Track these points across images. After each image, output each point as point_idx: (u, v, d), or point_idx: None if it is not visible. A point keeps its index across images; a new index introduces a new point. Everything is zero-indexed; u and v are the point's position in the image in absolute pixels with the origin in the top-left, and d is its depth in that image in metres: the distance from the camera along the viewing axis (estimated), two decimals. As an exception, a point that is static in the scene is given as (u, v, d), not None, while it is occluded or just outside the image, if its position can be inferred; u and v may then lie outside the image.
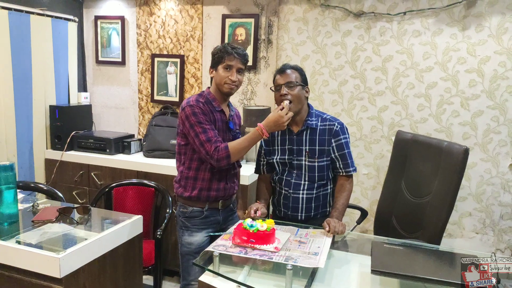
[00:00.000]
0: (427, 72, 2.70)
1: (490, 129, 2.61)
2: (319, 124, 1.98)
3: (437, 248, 1.78)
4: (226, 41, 3.19)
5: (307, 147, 1.97)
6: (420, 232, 2.11)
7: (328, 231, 1.75)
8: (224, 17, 3.18)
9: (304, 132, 1.98)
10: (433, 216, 2.04)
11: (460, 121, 2.67)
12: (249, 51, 3.14)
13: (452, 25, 2.60)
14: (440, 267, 1.51)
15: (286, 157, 2.01)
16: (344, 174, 1.99)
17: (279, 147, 2.03)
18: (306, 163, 1.97)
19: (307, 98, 2.00)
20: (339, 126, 1.98)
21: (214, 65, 1.91)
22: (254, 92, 3.22)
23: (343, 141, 1.97)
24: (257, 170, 2.16)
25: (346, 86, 2.91)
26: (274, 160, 2.04)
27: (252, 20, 3.11)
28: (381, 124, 2.86)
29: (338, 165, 1.99)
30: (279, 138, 2.04)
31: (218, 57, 1.88)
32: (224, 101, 1.97)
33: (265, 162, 2.11)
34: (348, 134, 2.01)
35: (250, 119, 2.99)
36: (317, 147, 1.96)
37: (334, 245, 1.74)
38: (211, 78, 1.94)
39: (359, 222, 2.58)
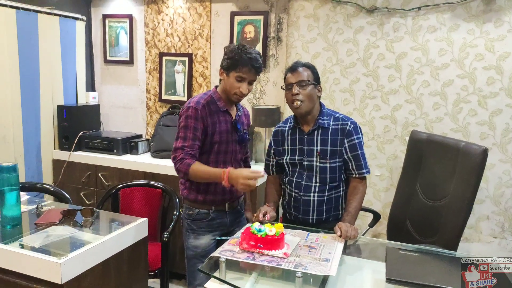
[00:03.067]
0: (443, 70, 2.60)
1: (509, 128, 2.50)
2: (331, 123, 1.91)
3: (455, 255, 1.70)
4: (235, 39, 3.13)
5: (319, 148, 1.90)
6: (436, 236, 2.03)
7: (340, 236, 1.67)
8: (233, 14, 3.12)
9: (316, 132, 1.90)
10: (450, 220, 1.95)
11: (477, 120, 2.56)
12: (258, 49, 3.07)
13: (469, 20, 2.50)
14: (458, 275, 1.43)
15: (297, 157, 1.94)
16: (357, 176, 1.91)
17: (289, 147, 1.96)
18: (317, 164, 1.89)
19: (319, 97, 1.93)
20: (352, 126, 1.90)
21: (226, 69, 1.81)
22: (263, 91, 3.15)
23: (356, 141, 1.89)
24: (265, 171, 2.10)
25: (358, 84, 2.82)
26: (284, 161, 1.97)
27: (261, 17, 3.04)
28: (394, 123, 2.77)
29: (351, 167, 1.91)
30: (289, 137, 1.97)
31: (232, 63, 1.78)
32: (230, 102, 1.91)
33: (274, 163, 2.05)
34: (361, 134, 1.93)
35: (259, 119, 2.93)
36: (329, 148, 1.89)
37: (346, 251, 1.66)
38: (220, 78, 1.88)
39: (371, 225, 2.50)
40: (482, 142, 2.54)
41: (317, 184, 1.90)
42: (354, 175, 1.92)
